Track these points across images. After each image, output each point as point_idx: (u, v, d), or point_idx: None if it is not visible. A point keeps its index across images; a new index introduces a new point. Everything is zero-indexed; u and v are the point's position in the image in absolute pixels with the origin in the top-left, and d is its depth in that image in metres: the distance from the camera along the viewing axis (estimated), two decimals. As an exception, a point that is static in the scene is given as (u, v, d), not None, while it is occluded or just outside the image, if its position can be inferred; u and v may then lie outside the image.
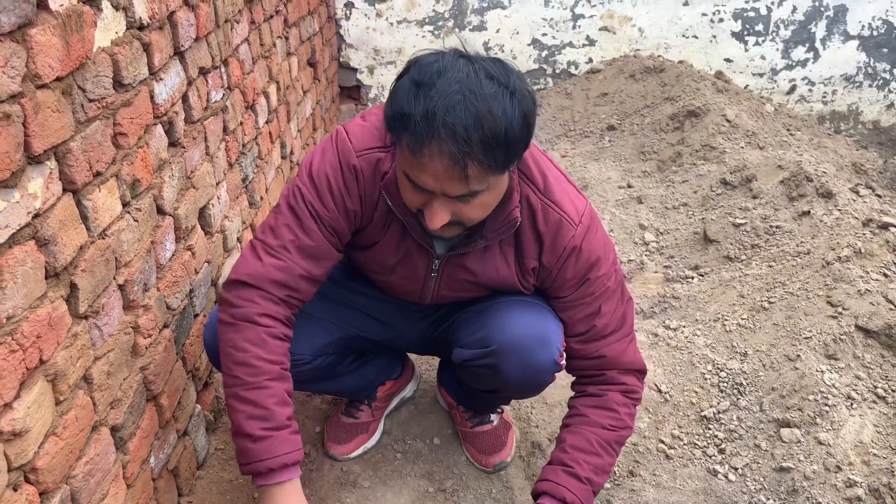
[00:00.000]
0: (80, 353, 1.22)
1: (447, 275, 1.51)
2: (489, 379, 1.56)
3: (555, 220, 1.42)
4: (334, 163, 1.41)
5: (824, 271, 2.08)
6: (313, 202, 1.41)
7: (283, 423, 1.37)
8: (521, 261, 1.47)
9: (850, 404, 1.77)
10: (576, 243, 1.43)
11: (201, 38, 1.82)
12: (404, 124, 1.18)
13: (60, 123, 1.15)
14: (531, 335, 1.48)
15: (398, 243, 1.48)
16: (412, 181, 1.24)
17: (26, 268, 1.07)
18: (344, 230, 1.46)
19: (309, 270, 1.43)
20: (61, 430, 1.16)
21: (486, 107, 1.15)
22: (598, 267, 1.46)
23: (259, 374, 1.37)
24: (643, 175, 3.22)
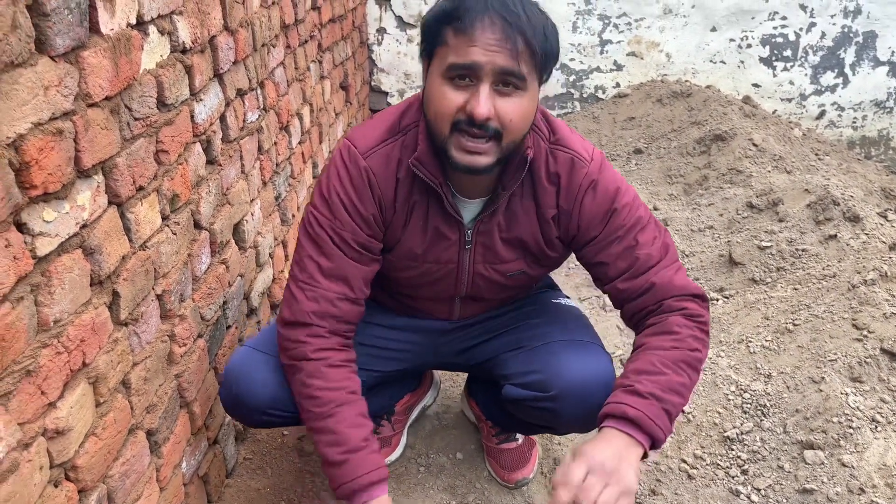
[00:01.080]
0: (120, 358, 1.28)
1: (481, 244, 1.49)
2: (546, 419, 1.57)
3: (566, 159, 1.43)
4: (343, 174, 1.44)
5: (850, 294, 2.08)
6: (328, 224, 1.44)
7: (359, 444, 1.39)
8: (541, 212, 1.46)
9: (874, 427, 1.76)
10: (592, 178, 1.42)
11: (239, 61, 1.90)
12: (449, 16, 1.26)
13: (108, 140, 1.22)
14: (592, 379, 1.46)
15: (424, 226, 1.47)
16: (457, 67, 1.25)
17: (73, 275, 1.13)
18: (369, 240, 1.47)
19: (342, 292, 1.45)
20: (101, 431, 1.22)
21: (529, 4, 1.27)
22: (620, 196, 1.42)
23: (325, 403, 1.42)
24: (669, 198, 3.24)
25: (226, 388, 1.55)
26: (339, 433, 1.39)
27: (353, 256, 1.46)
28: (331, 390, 1.42)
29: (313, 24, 2.82)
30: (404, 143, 1.44)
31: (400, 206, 1.46)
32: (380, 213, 1.46)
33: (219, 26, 1.74)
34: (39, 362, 1.04)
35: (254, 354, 1.55)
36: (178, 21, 1.50)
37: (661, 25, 4.12)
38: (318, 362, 1.43)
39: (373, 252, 1.49)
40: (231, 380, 1.53)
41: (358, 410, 1.43)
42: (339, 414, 1.40)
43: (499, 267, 1.53)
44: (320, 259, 1.45)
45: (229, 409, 1.59)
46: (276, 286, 2.25)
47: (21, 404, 1.00)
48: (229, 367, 1.55)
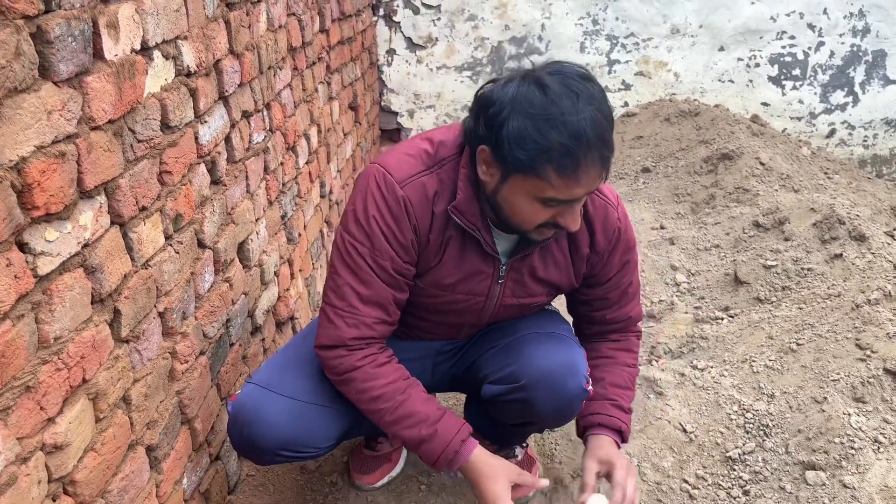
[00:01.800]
0: (121, 374, 1.31)
1: (512, 279, 1.55)
2: (521, 412, 1.62)
3: (600, 204, 1.51)
4: (380, 202, 1.45)
5: (853, 314, 2.07)
6: (367, 253, 1.46)
7: (438, 414, 1.48)
8: (575, 249, 1.55)
9: (876, 448, 1.75)
10: (620, 225, 1.55)
11: (245, 83, 1.95)
12: (550, 156, 1.25)
13: (111, 162, 1.26)
14: (560, 366, 1.55)
15: (459, 260, 1.50)
16: (558, 201, 1.30)
17: (74, 293, 1.16)
18: (405, 266, 1.49)
19: (380, 317, 1.50)
20: (100, 446, 1.24)
21: (604, 106, 1.28)
22: (634, 246, 1.61)
23: (390, 397, 1.47)
24: (676, 217, 3.24)
25: (235, 429, 1.55)
26: (417, 413, 1.46)
27: (390, 283, 1.49)
28: (391, 383, 1.47)
29: (321, 47, 2.87)
30: (440, 178, 1.46)
31: (434, 236, 1.49)
32: (416, 238, 1.48)
33: (224, 50, 1.79)
34: (39, 378, 1.07)
35: (263, 394, 1.54)
36: (183, 46, 1.54)
37: (669, 45, 4.15)
38: (367, 366, 1.48)
39: (407, 277, 1.53)
40: (241, 421, 1.53)
41: (421, 390, 1.50)
42: (408, 399, 1.47)
43: (525, 300, 1.60)
44: (359, 287, 1.48)
45: (239, 450, 1.61)
46: (282, 304, 2.28)
47: (20, 419, 1.03)
48: (238, 407, 1.54)
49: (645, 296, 2.66)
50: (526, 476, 1.49)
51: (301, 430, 1.54)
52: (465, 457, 1.47)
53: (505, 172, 1.33)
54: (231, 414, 1.55)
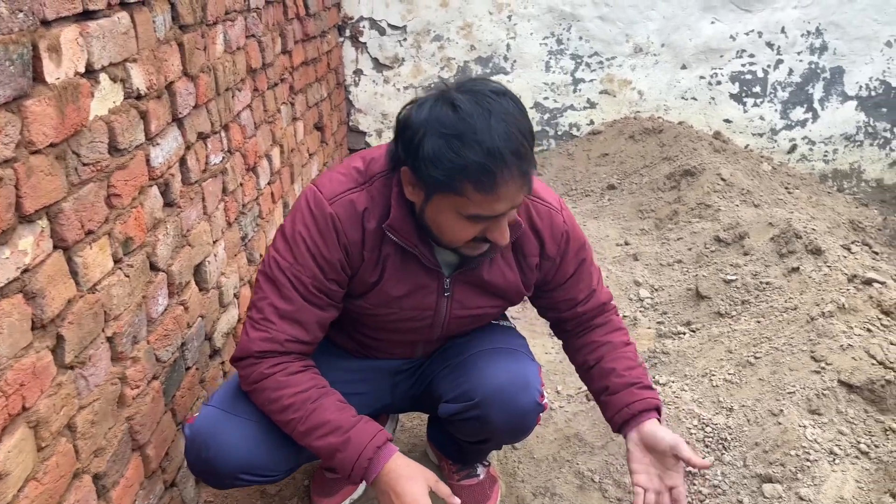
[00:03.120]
0: (65, 401, 1.28)
1: (459, 291, 1.54)
2: (477, 430, 1.61)
3: (544, 211, 1.53)
4: (308, 218, 1.45)
5: (809, 326, 2.10)
6: (289, 267, 1.45)
7: (351, 422, 1.43)
8: (523, 260, 1.55)
9: (832, 460, 1.77)
10: (567, 227, 1.57)
11: (201, 105, 1.94)
12: (467, 174, 1.25)
13: (53, 186, 1.24)
14: (511, 382, 1.54)
15: (402, 274, 1.49)
16: (481, 217, 1.31)
17: (12, 319, 1.14)
18: (330, 285, 1.48)
19: (295, 335, 1.47)
20: (42, 476, 1.21)
21: (518, 121, 1.28)
22: (584, 243, 1.63)
23: (300, 406, 1.43)
24: (640, 233, 3.27)
25: (193, 452, 1.51)
26: (329, 421, 1.42)
27: (311, 300, 1.47)
28: (302, 392, 1.44)
29: (283, 68, 2.88)
30: (370, 194, 1.45)
31: (369, 253, 1.48)
32: (346, 258, 1.47)
33: (177, 72, 1.78)
34: (-26, 407, 1.05)
35: (221, 416, 1.51)
36: (132, 68, 1.54)
37: (633, 64, 4.21)
38: (278, 374, 1.45)
39: (333, 298, 1.50)
40: (199, 444, 1.49)
41: (335, 398, 1.45)
42: (320, 407, 1.42)
43: (475, 311, 1.59)
44: (277, 301, 1.46)
45: (197, 473, 1.57)
46: (242, 326, 2.26)
47: (-47, 449, 1.01)
48: (196, 430, 1.50)
49: (609, 312, 2.68)
50: (442, 486, 1.44)
51: (260, 452, 1.50)
52: (381, 463, 1.41)
53: (427, 192, 1.33)
54: (188, 437, 1.51)
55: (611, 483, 1.92)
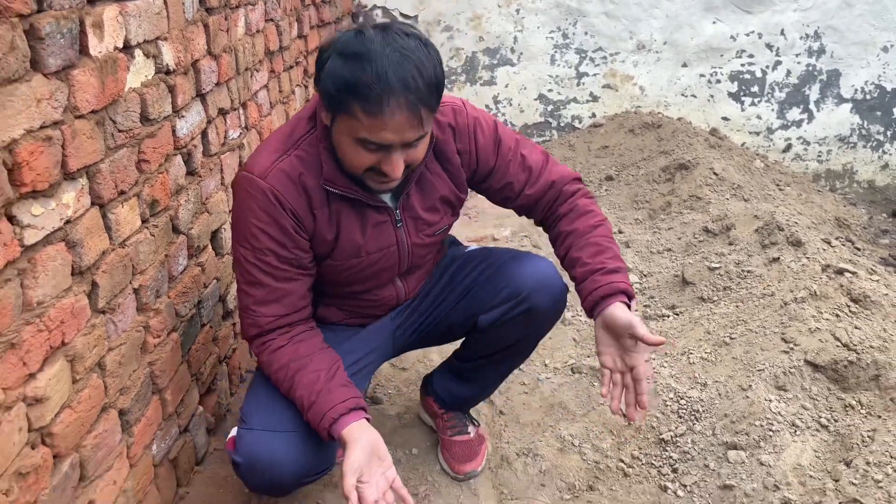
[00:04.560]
0: (97, 341, 1.44)
1: (408, 217, 1.66)
2: (524, 322, 1.76)
3: (448, 110, 1.63)
4: (249, 203, 1.53)
5: (782, 311, 2.24)
6: (251, 255, 1.55)
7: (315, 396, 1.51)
8: (447, 162, 1.66)
9: (793, 431, 1.91)
10: (474, 115, 1.67)
11: (222, 83, 2.09)
12: (354, 92, 1.35)
13: (93, 148, 1.39)
14: (545, 273, 1.75)
15: (356, 222, 1.61)
16: (370, 142, 1.40)
17: (56, 263, 1.29)
18: (295, 254, 1.57)
19: (276, 314, 1.59)
20: (76, 404, 1.37)
21: (418, 58, 1.37)
22: (498, 126, 1.70)
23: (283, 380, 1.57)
24: (634, 222, 3.41)
25: (253, 478, 1.57)
26: (300, 396, 1.53)
27: (283, 277, 1.57)
28: (280, 368, 1.57)
29: (299, 51, 3.02)
30: (298, 156, 1.54)
31: (319, 211, 1.57)
32: (298, 224, 1.55)
33: (202, 51, 1.93)
34: (22, 337, 1.20)
35: (265, 438, 1.56)
36: (163, 46, 1.68)
37: (635, 60, 4.34)
38: (265, 352, 1.60)
39: (302, 266, 1.60)
40: (258, 470, 1.55)
41: (314, 367, 1.55)
42: (295, 383, 1.54)
43: (428, 231, 1.71)
44: (251, 290, 1.58)
45: (262, 492, 1.66)
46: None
47: (4, 372, 1.16)
48: (247, 456, 1.55)
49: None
50: (387, 458, 1.50)
51: (310, 458, 1.58)
52: (342, 428, 1.48)
53: (332, 113, 1.44)
54: (243, 464, 1.56)
55: (589, 447, 2.07)
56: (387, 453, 1.51)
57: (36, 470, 1.25)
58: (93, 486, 1.43)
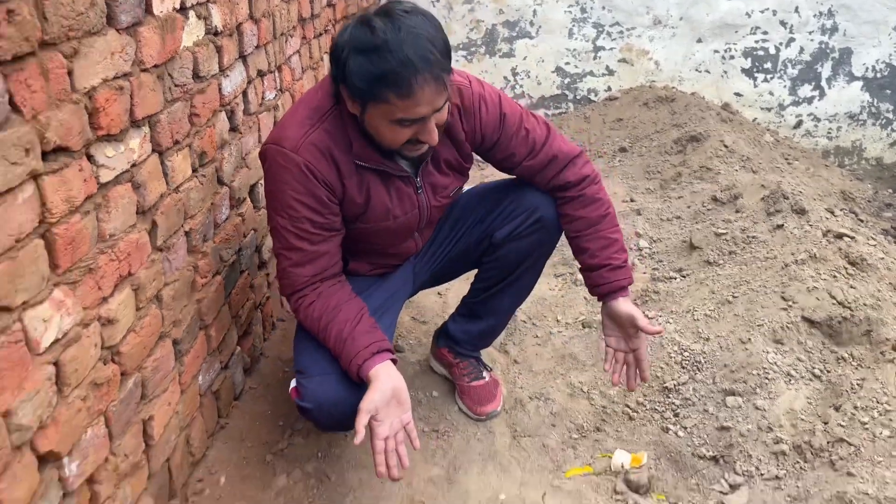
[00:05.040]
0: (156, 276, 1.59)
1: (427, 183, 1.82)
2: (534, 233, 1.93)
3: (454, 92, 1.74)
4: (283, 175, 1.66)
5: (782, 272, 2.37)
6: (286, 223, 1.69)
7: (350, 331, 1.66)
8: (454, 139, 1.80)
9: (788, 380, 2.05)
10: (479, 93, 1.79)
11: (261, 46, 2.22)
12: (385, 82, 1.49)
13: (154, 99, 1.54)
14: (543, 192, 1.92)
15: (384, 189, 1.76)
16: (407, 120, 1.54)
17: (124, 202, 1.45)
18: (327, 220, 1.70)
19: (310, 274, 1.73)
20: (139, 329, 1.53)
21: (427, 32, 1.50)
22: (503, 102, 1.82)
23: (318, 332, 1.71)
24: (646, 192, 3.53)
25: (323, 419, 1.72)
26: (334, 337, 1.68)
27: (317, 240, 1.71)
28: (316, 319, 1.72)
29: (328, 20, 3.14)
30: (326, 129, 1.66)
31: (349, 180, 1.70)
32: (330, 192, 1.68)
33: (245, 15, 2.07)
34: (98, 264, 1.36)
35: (330, 382, 1.70)
36: (213, 9, 1.82)
37: (651, 35, 4.43)
38: (301, 309, 1.74)
39: (334, 228, 1.74)
40: (326, 410, 1.69)
41: (342, 318, 1.69)
42: (327, 328, 1.69)
43: (443, 193, 1.88)
44: (288, 253, 1.73)
45: (330, 430, 1.90)
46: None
47: (84, 293, 1.32)
48: (315, 401, 1.69)
49: (609, 257, 2.96)
50: (406, 403, 1.62)
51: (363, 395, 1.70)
52: (369, 369, 1.61)
53: (362, 104, 1.56)
54: (312, 408, 1.70)
55: (597, 393, 2.23)
56: (407, 399, 1.63)
57: (107, 382, 1.41)
58: (151, 403, 1.60)
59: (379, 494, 1.89)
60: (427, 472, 1.96)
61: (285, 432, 2.07)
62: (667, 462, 1.97)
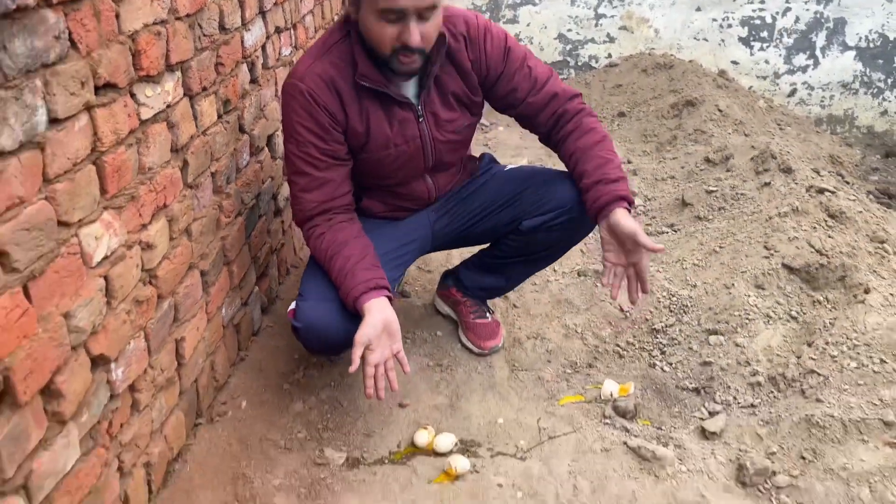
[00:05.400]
0: (186, 210, 1.75)
1: (429, 112, 1.95)
2: (563, 230, 2.04)
3: (460, 21, 1.91)
4: (292, 103, 1.85)
5: (766, 224, 2.52)
6: (294, 149, 1.87)
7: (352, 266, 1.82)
8: (459, 67, 1.93)
9: (767, 321, 2.21)
10: (484, 25, 1.93)
11: (279, 4, 2.35)
12: None
13: (186, 47, 1.68)
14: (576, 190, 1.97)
15: (386, 117, 1.89)
16: (389, 11, 1.67)
17: (160, 139, 1.59)
18: (332, 146, 1.87)
19: (319, 200, 1.90)
20: (172, 257, 1.68)
21: None
22: (509, 38, 1.95)
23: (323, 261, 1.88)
24: (643, 154, 3.68)
25: (310, 339, 1.89)
26: (338, 269, 1.84)
27: (323, 167, 1.88)
28: (323, 250, 1.88)
29: (337, -17, 3.26)
30: (330, 60, 1.84)
31: (351, 108, 1.85)
32: (332, 119, 1.85)
33: (264, -27, 2.19)
34: (139, 193, 1.51)
35: (323, 306, 1.86)
36: (236, -35, 1.95)
37: (651, 3, 4.54)
38: (312, 238, 1.91)
39: (339, 157, 1.90)
40: (314, 333, 1.87)
41: (347, 253, 1.85)
42: (333, 259, 1.86)
43: (448, 128, 2.00)
44: (297, 179, 1.91)
45: (315, 352, 2.03)
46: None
47: (128, 218, 1.47)
48: (308, 320, 1.86)
49: (605, 214, 3.11)
50: (397, 335, 1.78)
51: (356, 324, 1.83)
52: (364, 302, 1.77)
53: (356, 5, 1.74)
54: (301, 327, 1.87)
55: (590, 335, 2.39)
56: (398, 331, 1.79)
57: (147, 301, 1.57)
58: (182, 326, 1.76)
59: (387, 419, 2.06)
60: (432, 401, 2.13)
61: (301, 365, 2.24)
62: (652, 392, 2.14)
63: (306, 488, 1.82)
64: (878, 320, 2.05)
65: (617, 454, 1.87)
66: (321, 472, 1.87)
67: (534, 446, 1.94)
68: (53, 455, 1.25)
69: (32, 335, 1.17)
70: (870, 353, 1.97)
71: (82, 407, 1.34)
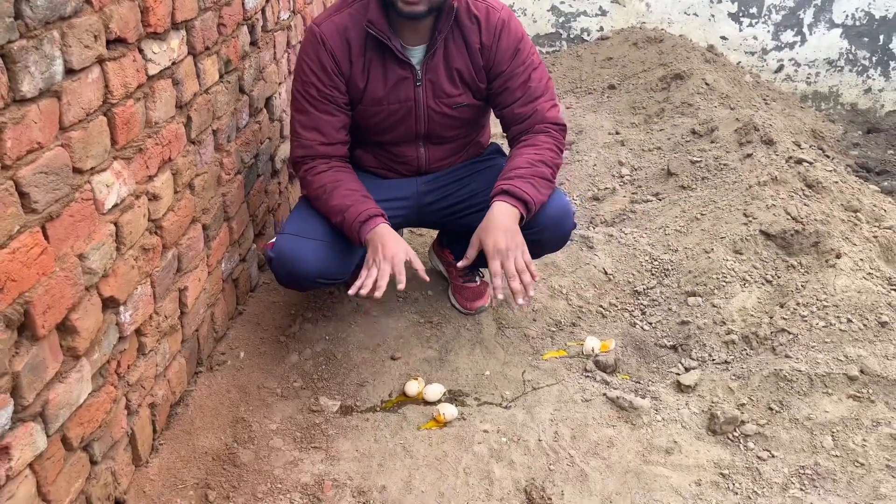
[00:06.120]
0: (190, 165, 1.82)
1: (428, 80, 2.02)
2: (537, 246, 2.04)
3: (482, 7, 1.98)
4: (305, 45, 1.99)
5: (746, 192, 2.62)
6: (300, 88, 2.00)
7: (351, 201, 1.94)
8: (469, 46, 2.00)
9: (743, 284, 2.32)
10: (504, 18, 2.00)
11: (277, -32, 2.41)
12: None
13: (191, 6, 1.74)
14: (561, 211, 2.04)
15: (383, 74, 1.99)
16: None
17: (166, 94, 1.66)
18: (332, 91, 1.98)
19: (318, 139, 2.01)
20: (176, 209, 1.76)
21: None
22: (525, 41, 2.02)
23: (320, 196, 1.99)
24: (631, 126, 3.76)
25: (279, 268, 1.99)
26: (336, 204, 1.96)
27: (321, 108, 1.99)
28: (320, 186, 1.99)
29: (334, -51, 3.30)
30: (350, 14, 1.97)
31: (356, 59, 1.97)
32: (336, 66, 1.97)
33: (264, -63, 2.24)
34: (146, 146, 1.58)
35: (296, 240, 1.99)
36: (238, -72, 2.01)
37: (644, -23, 4.59)
38: (308, 175, 2.02)
39: (337, 104, 2.01)
40: (283, 261, 1.97)
41: (349, 186, 1.98)
42: (332, 195, 1.97)
43: (446, 101, 2.06)
44: (299, 116, 2.03)
45: (284, 283, 2.06)
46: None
47: (135, 169, 1.54)
48: (278, 251, 1.97)
49: (593, 184, 3.20)
50: (417, 261, 1.92)
51: (329, 261, 2.01)
52: (371, 227, 1.90)
53: None
54: (273, 257, 1.99)
55: (575, 296, 2.49)
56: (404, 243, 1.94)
57: (153, 249, 1.65)
58: (185, 276, 1.84)
59: (379, 370, 2.16)
60: (422, 354, 2.22)
61: (297, 319, 2.33)
62: (632, 349, 2.25)
63: (301, 432, 1.92)
64: (846, 283, 2.15)
65: (596, 404, 1.97)
66: (316, 418, 1.97)
67: (518, 396, 2.04)
68: (68, 387, 1.34)
69: (50, 272, 1.26)
70: (837, 314, 2.08)
71: (94, 345, 1.42)
